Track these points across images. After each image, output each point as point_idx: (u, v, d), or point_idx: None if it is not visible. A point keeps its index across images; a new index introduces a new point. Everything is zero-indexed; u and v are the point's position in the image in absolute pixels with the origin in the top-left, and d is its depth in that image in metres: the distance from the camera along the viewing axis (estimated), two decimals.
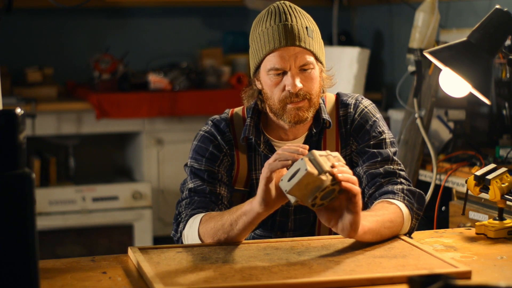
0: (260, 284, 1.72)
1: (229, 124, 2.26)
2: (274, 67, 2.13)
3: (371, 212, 2.05)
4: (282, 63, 2.12)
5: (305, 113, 2.15)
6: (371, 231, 1.98)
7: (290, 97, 2.13)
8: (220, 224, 2.03)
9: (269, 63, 2.14)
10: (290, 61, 2.12)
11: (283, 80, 2.14)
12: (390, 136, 2.25)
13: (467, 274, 1.79)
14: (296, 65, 2.12)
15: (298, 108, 2.14)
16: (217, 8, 5.29)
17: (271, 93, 2.16)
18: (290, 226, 2.26)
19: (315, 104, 2.17)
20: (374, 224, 1.99)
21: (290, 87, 2.12)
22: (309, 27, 2.15)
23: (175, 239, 2.19)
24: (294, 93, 2.12)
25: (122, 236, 4.62)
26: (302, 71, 2.14)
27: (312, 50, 2.14)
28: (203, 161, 2.22)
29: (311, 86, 2.15)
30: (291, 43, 2.12)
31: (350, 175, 1.88)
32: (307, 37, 2.13)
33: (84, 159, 4.99)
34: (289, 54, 2.12)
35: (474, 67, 2.22)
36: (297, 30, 2.13)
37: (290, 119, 2.15)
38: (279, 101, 2.15)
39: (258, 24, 2.18)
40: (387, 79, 4.84)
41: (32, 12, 4.96)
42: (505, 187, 2.15)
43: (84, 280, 1.80)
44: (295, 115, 2.14)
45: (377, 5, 4.94)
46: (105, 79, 4.68)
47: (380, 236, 2.02)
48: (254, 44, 2.19)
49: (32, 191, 1.45)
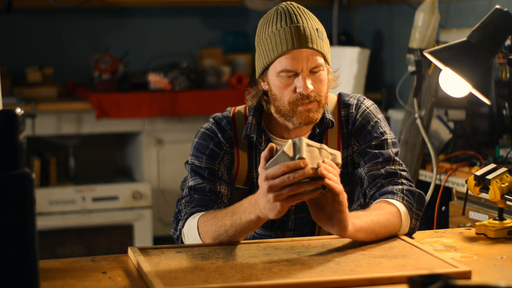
0: (260, 284, 1.72)
1: (231, 122, 2.26)
2: (286, 68, 2.13)
3: (367, 211, 2.05)
4: (295, 65, 2.12)
5: (315, 115, 2.16)
6: (363, 230, 1.98)
7: (301, 99, 2.13)
8: (223, 230, 2.02)
9: (280, 65, 2.14)
10: (302, 63, 2.12)
11: (294, 82, 2.13)
12: (392, 136, 2.26)
13: (467, 274, 1.79)
14: (307, 67, 2.12)
15: (308, 110, 2.14)
16: (217, 8, 5.29)
17: (281, 94, 2.16)
18: (290, 225, 2.26)
19: (324, 105, 2.18)
20: (367, 223, 1.99)
21: (302, 89, 2.12)
22: (319, 29, 2.16)
23: (175, 237, 2.20)
24: (305, 95, 2.12)
25: (122, 236, 4.62)
26: (313, 73, 2.14)
27: (323, 52, 2.15)
28: (203, 158, 2.22)
29: (321, 88, 2.15)
30: (304, 45, 2.12)
31: (333, 174, 1.87)
32: (318, 39, 2.14)
33: (84, 159, 4.99)
34: (301, 56, 2.12)
35: (474, 67, 2.22)
36: (309, 32, 2.13)
37: (301, 120, 2.15)
38: (289, 103, 2.15)
39: (267, 25, 2.17)
40: (387, 79, 4.84)
41: (32, 12, 4.96)
42: (505, 187, 2.15)
43: (84, 280, 1.80)
44: (306, 117, 2.15)
45: (377, 5, 4.94)
46: (105, 79, 4.68)
47: (375, 235, 2.02)
48: (263, 45, 2.17)
49: (32, 191, 1.45)
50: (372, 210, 2.07)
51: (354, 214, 2.00)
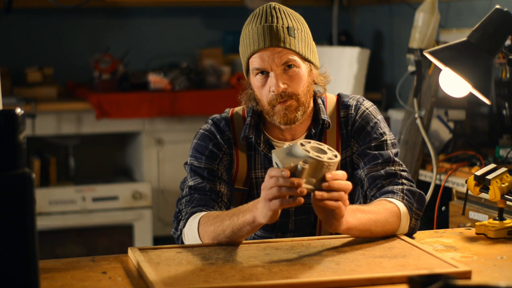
0: (260, 284, 1.72)
1: (229, 123, 2.26)
2: (256, 67, 2.15)
3: (365, 208, 2.05)
4: (263, 63, 2.13)
5: (293, 113, 2.15)
6: (357, 228, 1.99)
7: (276, 98, 2.14)
8: (221, 229, 2.03)
9: (252, 64, 2.16)
10: (270, 61, 2.13)
11: (268, 81, 2.15)
12: (392, 137, 2.25)
13: (467, 274, 1.79)
14: (277, 65, 2.13)
15: (286, 108, 2.14)
16: (217, 8, 5.29)
17: (260, 94, 2.18)
18: (290, 227, 2.26)
19: (305, 104, 2.17)
20: (362, 222, 1.99)
21: (273, 88, 2.13)
22: (291, 27, 2.15)
23: (175, 236, 2.20)
24: (279, 94, 2.13)
25: (122, 236, 4.62)
26: (286, 71, 2.14)
27: (294, 49, 2.14)
28: (202, 159, 2.22)
29: (297, 86, 2.15)
30: (269, 44, 2.12)
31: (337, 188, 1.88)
32: (287, 37, 2.13)
33: (84, 159, 4.99)
34: (268, 55, 2.13)
35: (474, 67, 2.22)
36: (276, 30, 2.13)
37: (280, 119, 2.16)
38: (267, 102, 2.16)
39: (245, 26, 2.20)
40: (387, 79, 4.84)
41: (32, 12, 4.96)
42: (505, 187, 2.15)
43: (84, 280, 1.80)
44: (284, 115, 2.15)
45: (377, 5, 4.94)
46: (105, 79, 4.68)
47: (369, 233, 2.02)
48: (241, 47, 2.21)
49: (32, 191, 1.45)
50: (372, 207, 2.07)
51: (351, 210, 1.99)
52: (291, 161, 1.85)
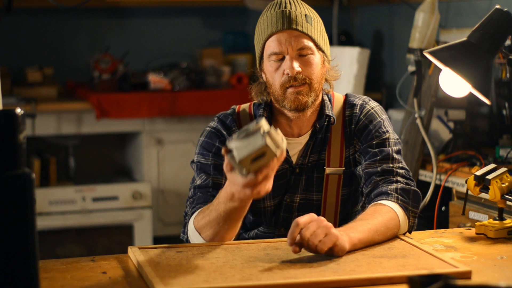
0: (260, 284, 1.72)
1: (236, 119, 2.27)
2: (273, 51, 2.16)
3: (363, 220, 2.02)
4: (279, 46, 2.15)
5: (304, 97, 2.16)
6: (362, 242, 1.96)
7: (289, 80, 2.15)
8: (208, 221, 2.03)
9: (268, 48, 2.18)
10: (287, 44, 2.15)
11: (282, 65, 2.15)
12: (395, 136, 2.26)
13: (467, 274, 1.79)
14: (293, 49, 2.15)
15: (298, 92, 2.15)
16: (217, 8, 5.29)
17: (273, 79, 2.18)
18: None
19: (316, 90, 2.18)
20: (365, 234, 1.97)
21: (288, 70, 2.14)
22: (308, 15, 2.18)
23: (184, 240, 2.19)
24: (292, 77, 2.14)
25: (122, 236, 4.62)
26: (301, 56, 2.16)
27: (310, 35, 2.16)
28: (209, 156, 2.23)
29: (311, 71, 2.16)
30: (287, 27, 2.15)
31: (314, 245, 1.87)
32: (305, 23, 2.16)
33: (84, 159, 4.99)
34: (286, 37, 2.15)
35: (474, 67, 2.22)
36: (294, 15, 2.16)
37: (290, 104, 2.16)
38: (280, 86, 2.17)
39: (262, 15, 2.23)
40: (387, 79, 4.84)
41: (32, 12, 4.96)
42: (505, 187, 2.15)
43: (84, 280, 1.80)
44: (295, 99, 2.15)
45: (377, 5, 4.94)
46: (105, 79, 4.68)
47: (373, 243, 2.01)
48: (257, 34, 2.22)
49: (32, 191, 1.45)
50: (369, 216, 2.05)
51: (351, 226, 1.98)
52: (248, 151, 1.80)
